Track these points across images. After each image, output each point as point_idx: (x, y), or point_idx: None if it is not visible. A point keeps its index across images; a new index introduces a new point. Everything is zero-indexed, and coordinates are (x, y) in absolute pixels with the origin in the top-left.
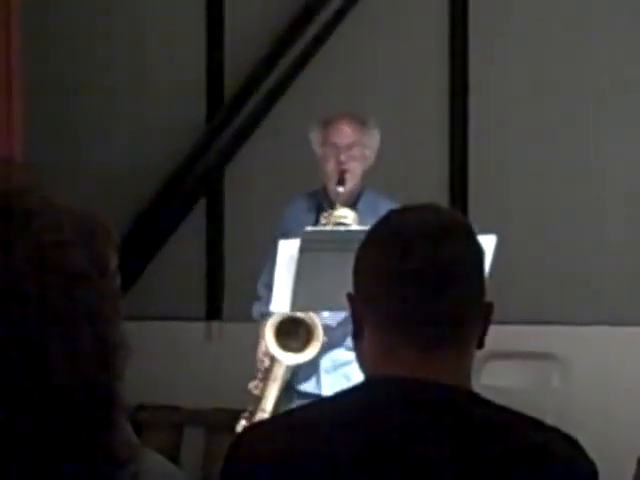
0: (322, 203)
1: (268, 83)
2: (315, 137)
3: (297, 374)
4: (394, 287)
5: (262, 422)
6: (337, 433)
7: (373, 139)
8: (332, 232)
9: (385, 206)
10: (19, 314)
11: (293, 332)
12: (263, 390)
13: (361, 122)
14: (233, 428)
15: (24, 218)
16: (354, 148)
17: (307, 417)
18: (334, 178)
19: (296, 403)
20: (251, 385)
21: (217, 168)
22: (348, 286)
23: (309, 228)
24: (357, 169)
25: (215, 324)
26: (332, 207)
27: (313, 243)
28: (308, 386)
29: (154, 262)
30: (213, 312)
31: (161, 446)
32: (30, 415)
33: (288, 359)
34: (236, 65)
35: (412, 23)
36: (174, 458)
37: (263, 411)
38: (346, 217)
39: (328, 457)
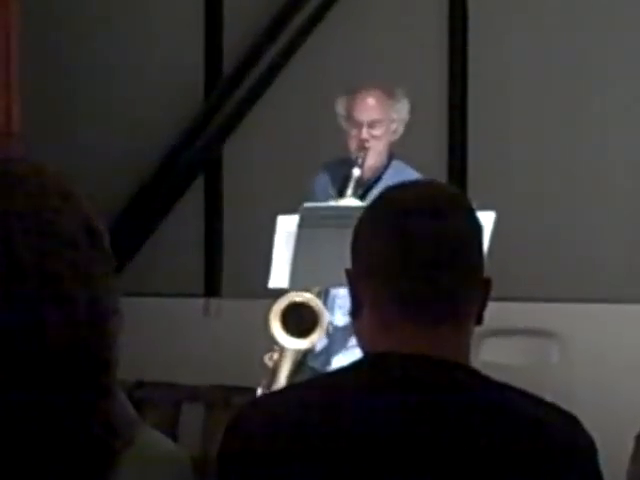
0: (347, 176)
1: (267, 57)
2: (340, 110)
3: (311, 350)
4: (392, 263)
5: (260, 400)
6: (337, 411)
7: (401, 111)
8: (331, 208)
9: (410, 177)
10: (15, 278)
11: (299, 315)
12: (277, 365)
13: (388, 94)
14: (231, 404)
15: (12, 185)
16: (377, 126)
17: (306, 395)
18: (354, 156)
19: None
20: (266, 358)
21: (216, 143)
22: (347, 262)
23: (307, 204)
24: (379, 146)
25: (213, 301)
26: (342, 191)
27: (312, 219)
28: (318, 363)
29: (152, 238)
30: (211, 288)
31: (159, 423)
32: (28, 378)
33: (293, 344)
34: (235, 38)
35: None
36: (172, 435)
37: (278, 383)
38: None
39: (327, 436)
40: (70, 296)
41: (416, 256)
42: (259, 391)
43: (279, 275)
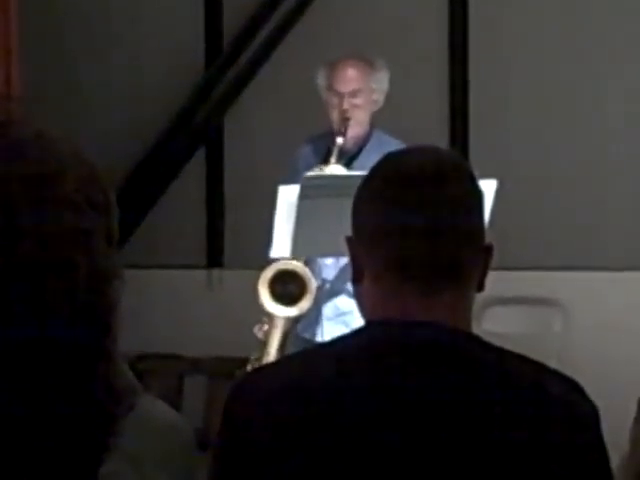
0: (330, 147)
1: (267, 29)
2: (321, 81)
3: (301, 322)
4: (393, 230)
5: (262, 368)
6: (337, 378)
7: (381, 81)
8: (332, 177)
9: (391, 148)
10: (15, 242)
11: (288, 282)
12: (267, 335)
13: (368, 65)
14: (234, 376)
15: (13, 148)
16: (358, 95)
17: (307, 363)
18: (337, 126)
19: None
20: (256, 329)
21: (216, 116)
22: (348, 231)
23: (309, 174)
24: (360, 116)
25: (216, 272)
26: (327, 160)
27: (313, 189)
28: (310, 333)
29: (154, 210)
30: (214, 260)
31: (162, 395)
32: (28, 342)
33: (282, 312)
34: (234, 11)
35: None
36: (175, 406)
37: (268, 355)
38: None
39: (328, 403)
40: (70, 260)
41: (416, 222)
42: (251, 364)
43: (281, 245)
